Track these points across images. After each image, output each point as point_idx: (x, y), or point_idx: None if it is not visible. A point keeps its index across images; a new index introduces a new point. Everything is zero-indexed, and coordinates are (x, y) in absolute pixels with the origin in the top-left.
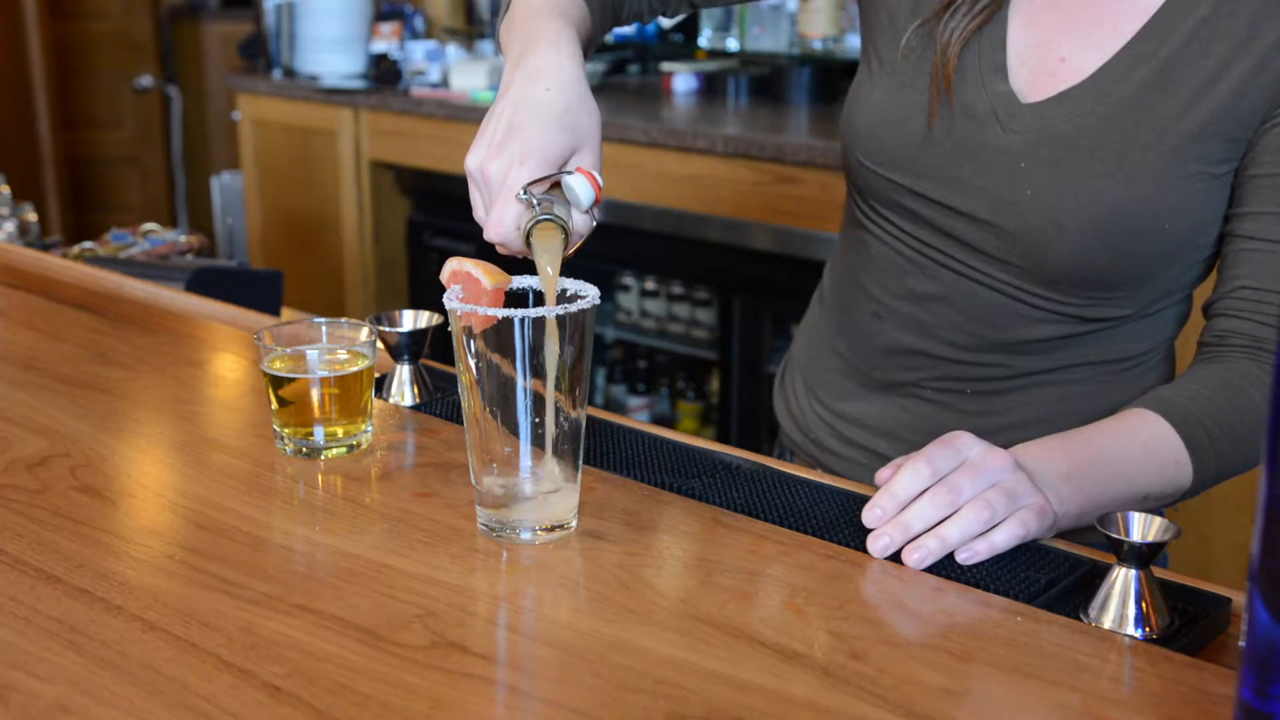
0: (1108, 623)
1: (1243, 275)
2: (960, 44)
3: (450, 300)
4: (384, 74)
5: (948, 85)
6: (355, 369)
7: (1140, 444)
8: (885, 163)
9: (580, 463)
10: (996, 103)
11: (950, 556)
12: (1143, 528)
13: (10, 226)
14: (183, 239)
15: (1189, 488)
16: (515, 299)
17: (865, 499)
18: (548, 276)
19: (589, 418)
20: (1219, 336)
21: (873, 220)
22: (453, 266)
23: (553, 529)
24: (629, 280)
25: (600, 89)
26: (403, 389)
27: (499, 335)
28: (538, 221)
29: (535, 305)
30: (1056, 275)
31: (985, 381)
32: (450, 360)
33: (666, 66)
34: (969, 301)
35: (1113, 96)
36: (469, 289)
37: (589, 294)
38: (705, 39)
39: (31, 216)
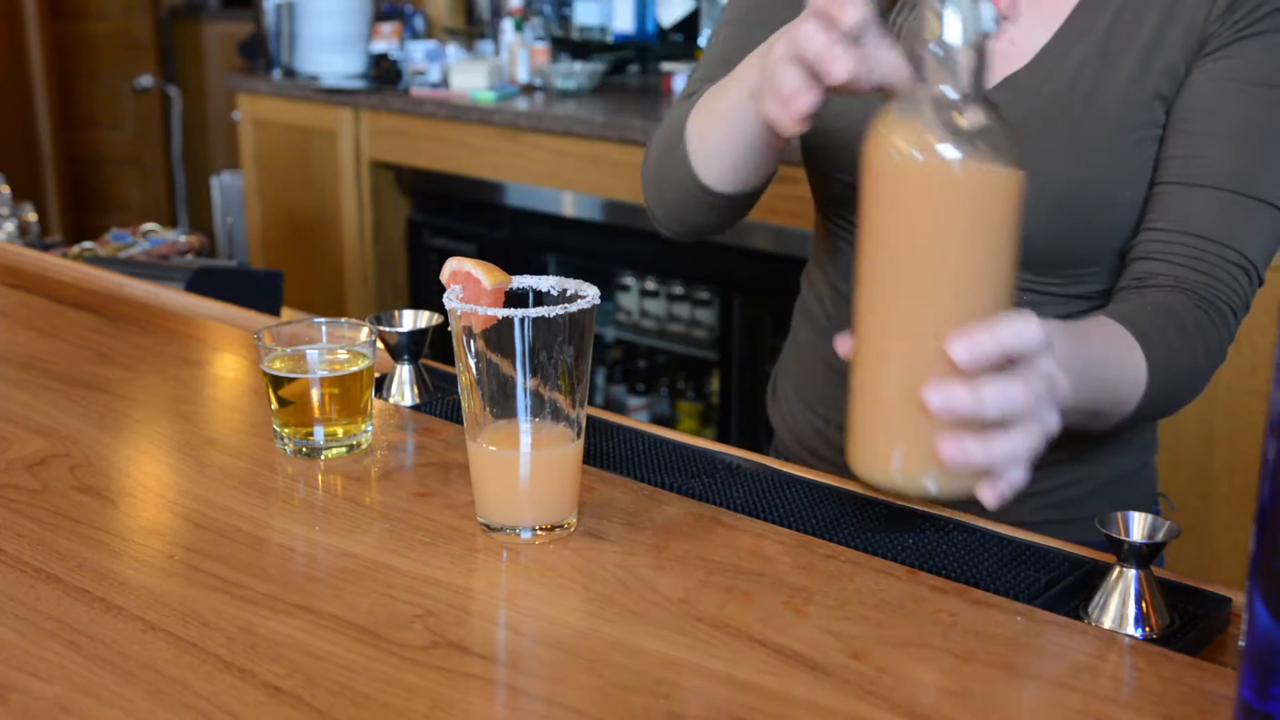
0: (1108, 623)
1: (1151, 219)
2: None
3: (450, 300)
4: (384, 74)
5: None
6: (355, 369)
7: (1122, 354)
8: (852, 168)
9: (580, 460)
10: None
11: (950, 558)
12: (1143, 528)
13: (10, 226)
14: (183, 239)
15: (1129, 413)
16: (515, 299)
17: (866, 500)
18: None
19: (589, 418)
20: (1138, 279)
21: (849, 231)
22: (453, 266)
23: (553, 528)
24: (629, 280)
25: (600, 89)
26: (403, 389)
27: (499, 335)
28: None
29: (536, 304)
30: (1029, 257)
31: None
32: (450, 360)
33: (666, 66)
34: None
35: (1056, 75)
36: (469, 289)
37: (589, 294)
38: (705, 39)
39: (31, 216)
